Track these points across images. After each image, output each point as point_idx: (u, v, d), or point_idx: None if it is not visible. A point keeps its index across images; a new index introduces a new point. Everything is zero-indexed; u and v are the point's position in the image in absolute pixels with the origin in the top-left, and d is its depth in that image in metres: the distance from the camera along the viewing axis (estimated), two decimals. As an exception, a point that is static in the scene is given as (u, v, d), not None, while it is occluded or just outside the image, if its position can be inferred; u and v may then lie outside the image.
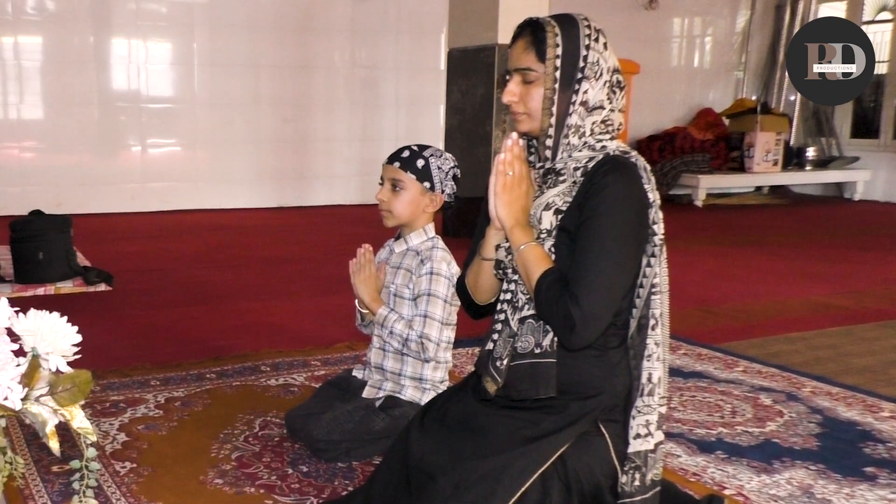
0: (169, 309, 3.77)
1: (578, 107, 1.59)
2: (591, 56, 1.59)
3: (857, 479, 2.11)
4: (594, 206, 1.53)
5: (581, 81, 1.59)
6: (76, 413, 1.24)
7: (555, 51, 1.58)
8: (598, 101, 1.60)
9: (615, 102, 1.63)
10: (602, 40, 1.62)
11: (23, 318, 1.23)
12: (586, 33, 1.60)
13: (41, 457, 2.08)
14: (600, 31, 1.63)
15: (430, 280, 2.18)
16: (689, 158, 8.01)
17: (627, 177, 1.55)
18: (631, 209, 1.54)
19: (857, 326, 3.65)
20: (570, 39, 1.59)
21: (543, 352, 1.58)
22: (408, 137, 7.68)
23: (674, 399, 2.66)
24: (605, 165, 1.56)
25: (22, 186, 6.35)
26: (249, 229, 6.19)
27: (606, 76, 1.61)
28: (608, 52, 1.62)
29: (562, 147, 1.61)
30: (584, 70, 1.58)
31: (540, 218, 1.60)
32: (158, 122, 6.87)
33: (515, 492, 1.50)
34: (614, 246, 1.52)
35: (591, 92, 1.60)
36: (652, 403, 1.57)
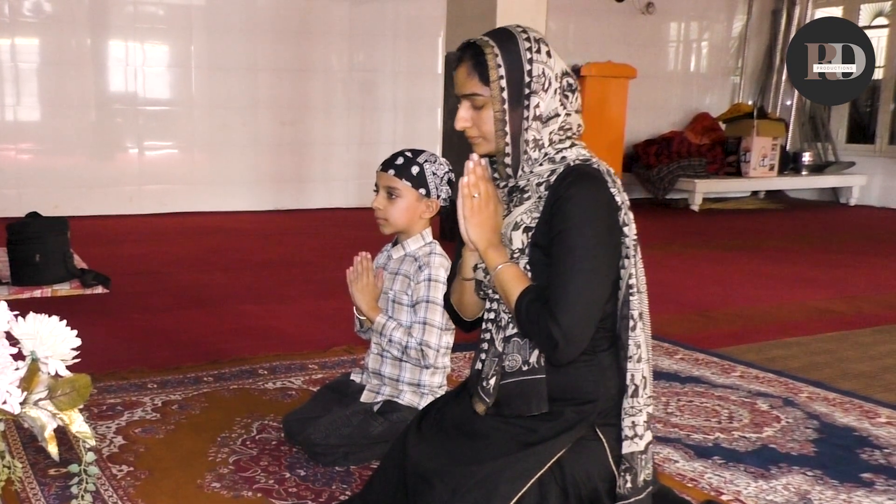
0: (166, 312, 3.76)
1: (532, 122, 1.57)
2: (536, 69, 1.56)
3: (855, 485, 2.11)
4: (562, 220, 1.52)
5: (530, 97, 1.56)
6: (75, 417, 1.24)
7: (497, 72, 1.55)
8: (551, 110, 1.58)
9: (570, 106, 1.61)
10: (544, 49, 1.59)
11: (22, 322, 1.23)
12: (527, 47, 1.57)
13: (38, 460, 2.07)
14: (541, 40, 1.60)
15: (429, 286, 2.18)
16: (686, 163, 8.02)
17: (591, 185, 1.54)
18: (599, 217, 1.53)
19: (853, 332, 3.66)
20: (512, 57, 1.56)
21: (531, 368, 1.57)
22: (406, 141, 7.68)
23: (671, 404, 2.66)
24: (567, 178, 1.55)
25: (19, 189, 6.33)
26: (247, 232, 6.19)
27: (556, 84, 1.58)
28: (553, 59, 1.59)
29: (522, 163, 1.59)
30: (531, 85, 1.56)
31: (510, 238, 1.59)
32: (156, 125, 6.86)
33: (512, 497, 1.50)
34: (588, 258, 1.51)
35: (542, 104, 1.57)
36: (637, 405, 1.57)
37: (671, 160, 8.03)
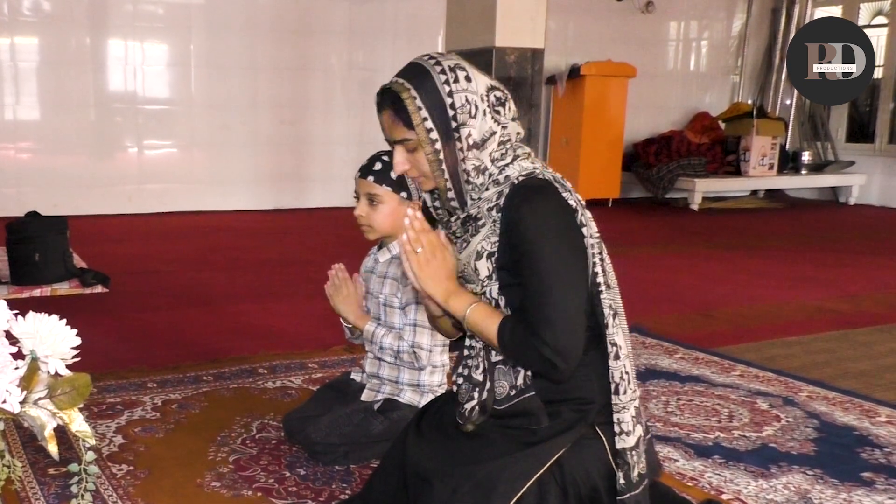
0: (166, 311, 3.76)
1: (468, 152, 1.52)
2: (458, 99, 1.50)
3: (855, 484, 2.11)
4: (521, 240, 1.50)
5: (459, 129, 1.51)
6: (75, 416, 1.24)
7: (420, 115, 1.50)
8: (485, 132, 1.53)
9: (504, 118, 1.55)
10: (462, 74, 1.52)
11: (22, 321, 1.23)
12: (443, 80, 1.51)
13: (37, 459, 2.07)
14: (456, 66, 1.53)
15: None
16: (686, 162, 8.02)
17: (541, 198, 1.50)
18: (557, 226, 1.50)
19: (853, 331, 3.66)
20: (430, 95, 1.50)
21: (520, 390, 1.57)
22: (405, 140, 7.67)
23: (671, 403, 2.66)
24: (514, 197, 1.51)
25: (18, 188, 6.33)
26: (247, 231, 6.19)
27: (483, 105, 1.53)
28: (473, 80, 1.53)
29: (468, 194, 1.56)
30: (458, 117, 1.51)
31: (476, 268, 1.56)
32: (155, 124, 6.86)
33: (511, 497, 1.50)
34: (557, 270, 1.48)
35: (474, 132, 1.52)
36: (620, 402, 1.56)
37: (671, 159, 8.03)
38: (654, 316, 3.82)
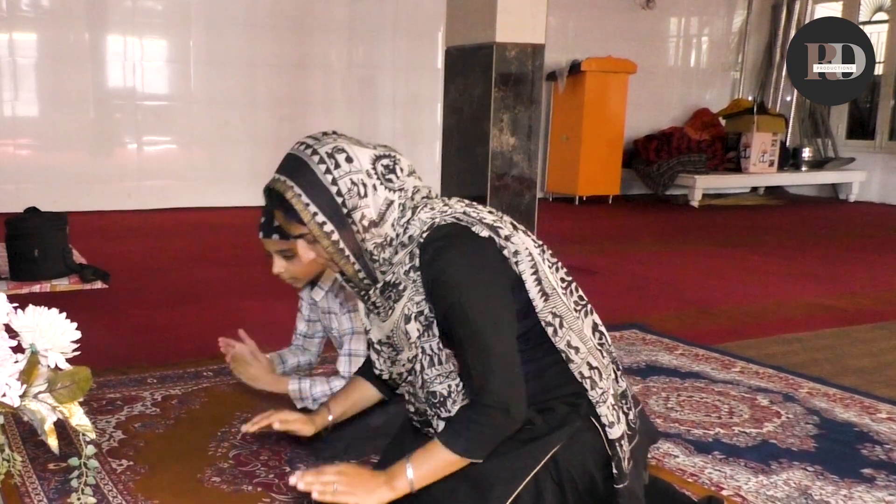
0: (166, 307, 3.75)
1: (366, 233, 1.49)
2: (343, 185, 1.46)
3: (855, 481, 2.11)
4: (442, 299, 1.47)
5: (352, 213, 1.47)
6: (75, 410, 1.24)
7: (308, 211, 1.46)
8: (381, 205, 1.49)
9: (399, 181, 1.52)
10: (342, 156, 1.48)
11: (21, 315, 1.22)
12: (323, 169, 1.46)
13: (37, 454, 2.07)
14: (334, 149, 1.48)
15: (350, 318, 2.21)
16: (686, 159, 8.01)
17: (451, 247, 1.47)
18: (474, 272, 1.47)
19: (853, 328, 3.65)
20: (314, 188, 1.46)
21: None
22: (405, 136, 7.67)
23: (671, 399, 2.66)
24: (424, 255, 1.49)
25: (17, 184, 6.32)
26: (246, 228, 6.14)
27: (372, 180, 1.48)
28: (356, 159, 1.48)
29: (377, 270, 1.54)
30: (347, 202, 1.47)
31: (406, 331, 1.54)
32: (155, 120, 6.85)
33: (507, 497, 1.50)
34: (484, 323, 1.46)
35: (368, 210, 1.48)
36: (593, 396, 1.57)
37: (671, 156, 8.03)
38: (655, 313, 3.82)
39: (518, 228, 1.62)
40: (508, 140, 5.41)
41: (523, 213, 5.52)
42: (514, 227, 1.62)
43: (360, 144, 1.52)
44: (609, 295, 4.24)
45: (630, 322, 3.59)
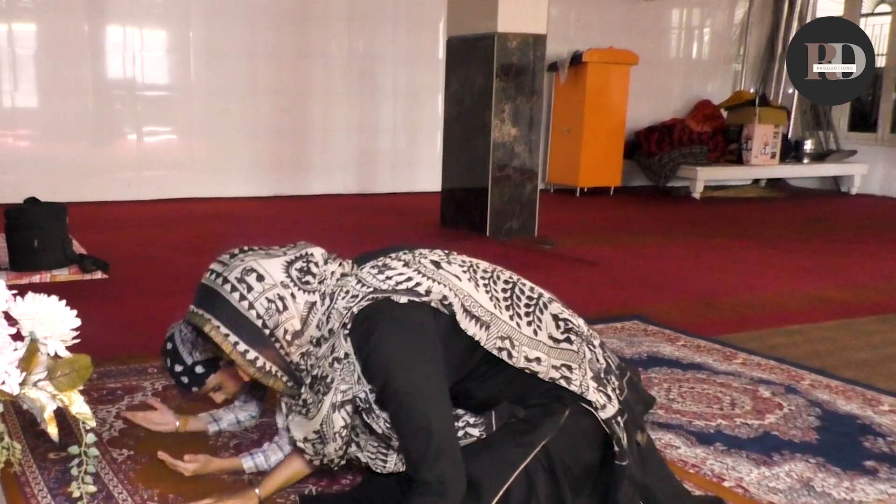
0: (166, 297, 3.74)
1: (290, 347, 1.50)
2: (260, 306, 1.47)
3: (857, 473, 2.10)
4: (373, 381, 1.46)
5: (274, 331, 1.48)
6: (75, 398, 1.23)
7: (229, 342, 1.47)
8: (303, 310, 1.50)
9: (315, 280, 1.52)
10: (252, 277, 1.48)
11: (21, 302, 1.21)
12: (237, 297, 1.47)
13: (37, 444, 2.06)
14: (243, 271, 1.48)
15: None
16: (688, 150, 7.99)
17: (374, 331, 1.45)
18: (405, 349, 1.45)
19: (855, 320, 3.65)
20: (231, 317, 1.47)
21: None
22: (406, 127, 7.65)
23: (672, 390, 2.65)
24: (349, 338, 1.47)
25: (17, 175, 6.30)
26: (246, 218, 6.17)
27: (289, 290, 1.49)
28: (267, 275, 1.48)
29: (305, 369, 1.53)
30: (268, 322, 1.47)
31: (332, 421, 1.50)
32: (154, 111, 6.83)
33: (498, 491, 1.51)
34: (416, 399, 1.44)
35: (290, 323, 1.49)
36: (575, 389, 1.58)
37: (672, 147, 8.01)
38: (656, 304, 3.81)
39: (442, 262, 1.58)
40: (510, 131, 5.39)
41: (524, 205, 5.52)
42: (437, 264, 1.57)
43: (270, 255, 1.52)
44: (610, 286, 4.23)
45: (631, 313, 3.58)
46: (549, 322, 1.63)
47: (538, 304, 1.64)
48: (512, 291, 1.62)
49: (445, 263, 1.57)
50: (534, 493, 1.53)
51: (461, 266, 1.59)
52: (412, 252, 1.59)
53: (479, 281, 1.58)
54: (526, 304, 1.62)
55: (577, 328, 1.68)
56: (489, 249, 5.11)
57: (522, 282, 1.68)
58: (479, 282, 1.58)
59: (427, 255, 1.58)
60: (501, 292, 1.60)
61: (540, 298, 1.66)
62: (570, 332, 1.65)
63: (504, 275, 1.66)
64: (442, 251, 1.64)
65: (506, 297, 1.59)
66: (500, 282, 1.62)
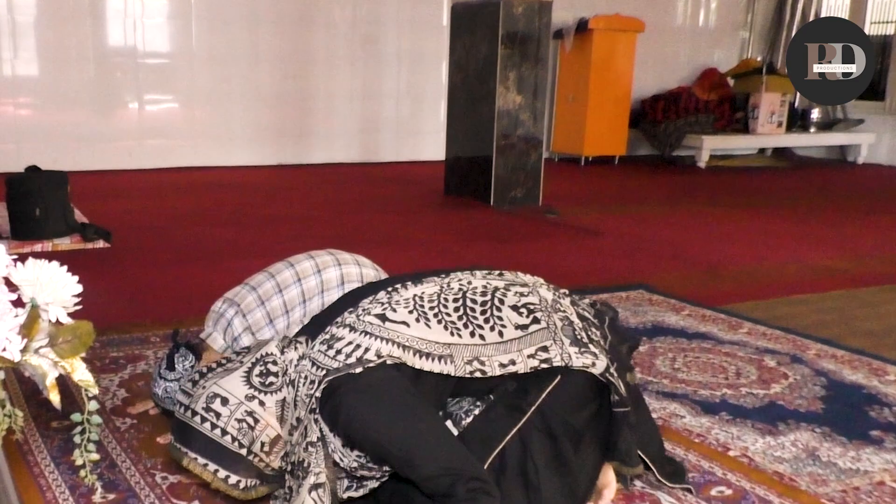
0: (169, 266, 3.74)
1: (270, 455, 1.52)
2: (232, 429, 1.48)
3: (863, 443, 2.09)
4: (360, 448, 1.46)
5: (251, 447, 1.49)
6: (77, 365, 1.21)
7: (207, 470, 1.49)
8: (276, 410, 1.51)
9: (279, 377, 1.52)
10: (216, 403, 1.49)
11: (21, 268, 1.19)
12: (208, 426, 1.48)
13: (40, 413, 2.06)
14: (207, 398, 1.48)
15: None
16: (693, 119, 7.92)
17: (335, 401, 1.45)
18: (372, 408, 1.45)
19: (861, 290, 3.63)
20: (207, 447, 1.48)
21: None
22: (410, 95, 7.59)
23: (677, 360, 2.64)
24: (319, 423, 1.48)
25: (17, 143, 6.27)
26: (249, 187, 6.14)
27: (254, 402, 1.49)
28: (231, 395, 1.49)
29: (286, 464, 1.54)
30: (243, 442, 1.48)
31: (313, 500, 1.48)
32: (155, 79, 6.77)
33: (488, 455, 1.55)
34: (412, 445, 1.44)
35: (266, 431, 1.51)
36: (557, 364, 1.59)
37: (678, 116, 7.94)
38: (661, 274, 3.79)
39: (387, 314, 1.56)
40: (514, 99, 5.34)
41: (529, 174, 5.48)
42: (382, 317, 1.55)
43: (228, 370, 1.51)
44: (615, 256, 4.21)
45: (636, 283, 3.57)
46: (511, 315, 1.64)
47: (493, 305, 1.64)
48: (464, 305, 1.62)
49: (390, 312, 1.57)
50: (529, 454, 1.56)
51: (406, 307, 1.59)
52: (355, 311, 1.58)
53: (428, 315, 1.58)
54: (482, 311, 1.63)
55: (540, 304, 1.68)
56: (493, 219, 5.09)
57: (472, 286, 1.68)
58: (429, 315, 1.58)
59: (371, 311, 1.58)
60: (454, 312, 1.60)
61: (494, 297, 1.66)
62: (533, 313, 1.65)
63: (452, 289, 1.66)
64: (385, 292, 1.63)
65: (460, 316, 1.60)
66: (449, 302, 1.62)
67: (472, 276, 1.73)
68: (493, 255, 4.14)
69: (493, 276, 1.76)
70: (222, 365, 1.53)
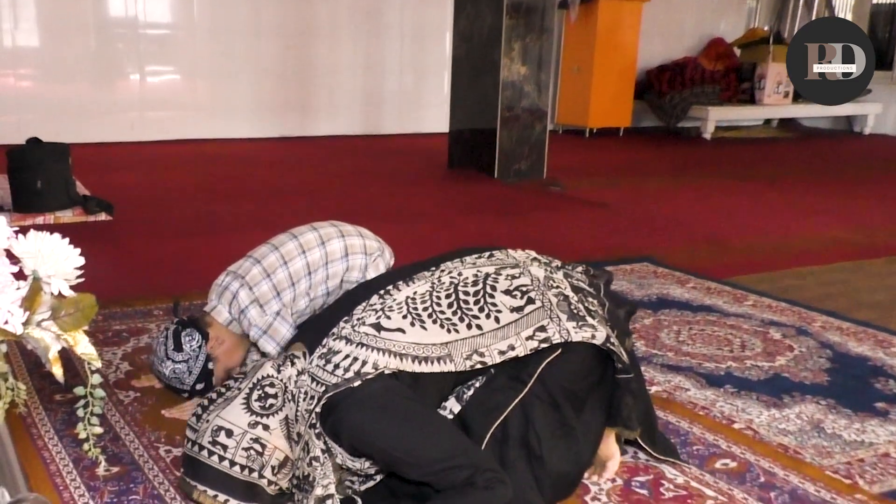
0: (171, 239, 3.73)
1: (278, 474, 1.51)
2: (241, 459, 1.47)
3: (868, 415, 2.09)
4: (367, 457, 1.49)
5: (262, 472, 1.48)
6: (80, 338, 1.20)
7: (217, 501, 1.48)
8: (282, 430, 1.50)
9: (279, 398, 1.51)
10: (222, 435, 1.47)
11: (23, 240, 1.18)
12: (216, 459, 1.47)
13: (43, 386, 2.06)
14: (213, 432, 1.47)
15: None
16: (699, 90, 7.85)
17: (345, 418, 1.46)
18: (375, 418, 1.46)
19: (867, 262, 3.61)
20: (217, 479, 1.47)
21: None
22: (413, 66, 7.53)
23: (682, 332, 2.63)
24: (322, 437, 1.48)
25: (19, 115, 6.23)
26: (251, 160, 6.11)
27: (258, 428, 1.48)
28: (234, 426, 1.47)
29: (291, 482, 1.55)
30: (252, 468, 1.47)
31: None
32: (157, 50, 6.72)
33: (489, 427, 1.57)
34: (421, 449, 1.45)
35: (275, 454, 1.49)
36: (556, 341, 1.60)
37: (684, 87, 7.87)
38: (666, 246, 3.78)
39: (382, 322, 1.56)
40: (519, 70, 5.29)
41: (533, 146, 5.44)
42: (377, 326, 1.55)
43: (228, 398, 1.50)
44: (620, 228, 4.19)
45: (641, 255, 3.55)
46: (504, 300, 1.63)
47: (486, 293, 1.63)
48: (457, 300, 1.61)
49: (384, 320, 1.56)
50: (531, 425, 1.58)
51: (400, 312, 1.57)
52: (350, 321, 1.57)
53: (422, 317, 1.57)
54: (475, 300, 1.62)
55: (532, 284, 1.67)
56: (497, 191, 5.06)
57: (463, 277, 1.66)
58: (424, 316, 1.57)
59: (365, 320, 1.56)
60: (448, 309, 1.59)
61: (485, 284, 1.65)
62: (527, 294, 1.64)
63: (443, 283, 1.64)
64: (378, 296, 1.62)
65: (455, 311, 1.59)
66: (442, 298, 1.61)
67: (462, 265, 1.71)
68: (497, 229, 4.12)
69: (483, 260, 1.74)
70: (222, 394, 1.52)
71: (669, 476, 1.76)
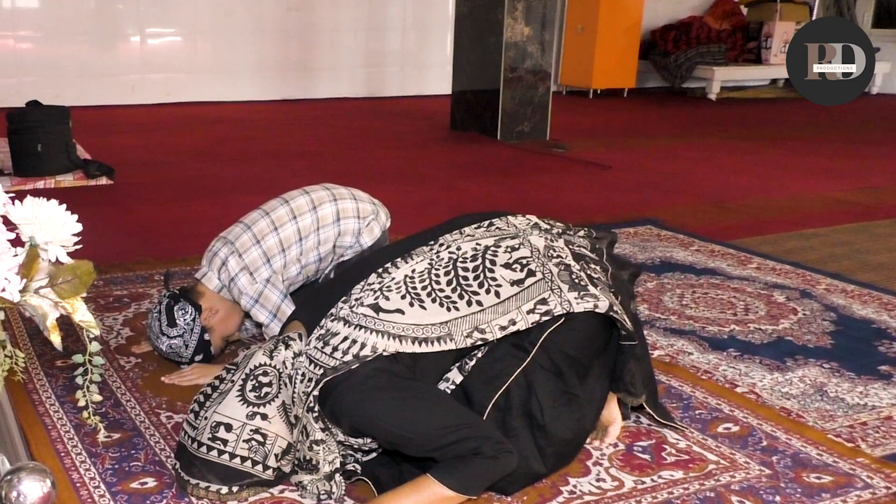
0: (172, 203, 3.71)
1: (281, 460, 1.51)
2: (242, 451, 1.46)
3: (871, 378, 2.09)
4: (369, 435, 1.48)
5: (265, 462, 1.48)
6: (78, 306, 1.19)
7: (220, 493, 1.48)
8: (280, 416, 1.49)
9: (274, 385, 1.50)
10: (221, 431, 1.46)
11: (19, 206, 1.16)
12: (216, 454, 1.46)
13: (44, 351, 2.06)
14: (212, 428, 1.46)
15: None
16: (705, 49, 7.75)
17: (342, 400, 1.44)
18: (374, 399, 1.44)
19: (872, 223, 3.59)
20: (221, 475, 1.47)
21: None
22: (416, 27, 7.43)
23: (685, 296, 2.62)
24: (321, 419, 1.47)
25: (18, 77, 6.18)
26: (253, 122, 6.07)
27: (257, 418, 1.47)
28: (232, 419, 1.46)
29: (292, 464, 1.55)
30: (256, 459, 1.47)
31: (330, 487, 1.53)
32: (157, 11, 6.63)
33: (492, 397, 1.57)
34: (423, 426, 1.44)
35: (277, 441, 1.49)
36: (558, 312, 1.58)
37: (690, 46, 7.77)
38: (670, 208, 3.75)
39: (380, 302, 1.54)
40: (522, 30, 5.22)
41: (536, 107, 5.39)
42: (376, 307, 1.53)
43: (222, 392, 1.49)
44: (623, 190, 4.16)
45: (645, 218, 3.53)
46: (504, 273, 1.60)
47: (485, 267, 1.61)
48: (456, 276, 1.59)
49: (383, 300, 1.53)
50: (534, 394, 1.57)
51: (398, 292, 1.55)
52: (348, 301, 1.55)
53: (422, 296, 1.55)
54: (474, 276, 1.59)
55: (532, 255, 1.64)
56: (500, 153, 5.02)
57: (462, 252, 1.63)
58: (423, 295, 1.55)
59: (363, 300, 1.54)
60: (447, 286, 1.57)
61: (485, 258, 1.62)
62: (527, 266, 1.62)
63: (442, 260, 1.62)
64: (376, 275, 1.60)
65: (454, 288, 1.57)
66: (441, 276, 1.59)
67: (461, 238, 1.68)
68: (499, 191, 4.10)
69: (482, 231, 1.70)
70: (216, 388, 1.51)
71: (671, 441, 1.76)
